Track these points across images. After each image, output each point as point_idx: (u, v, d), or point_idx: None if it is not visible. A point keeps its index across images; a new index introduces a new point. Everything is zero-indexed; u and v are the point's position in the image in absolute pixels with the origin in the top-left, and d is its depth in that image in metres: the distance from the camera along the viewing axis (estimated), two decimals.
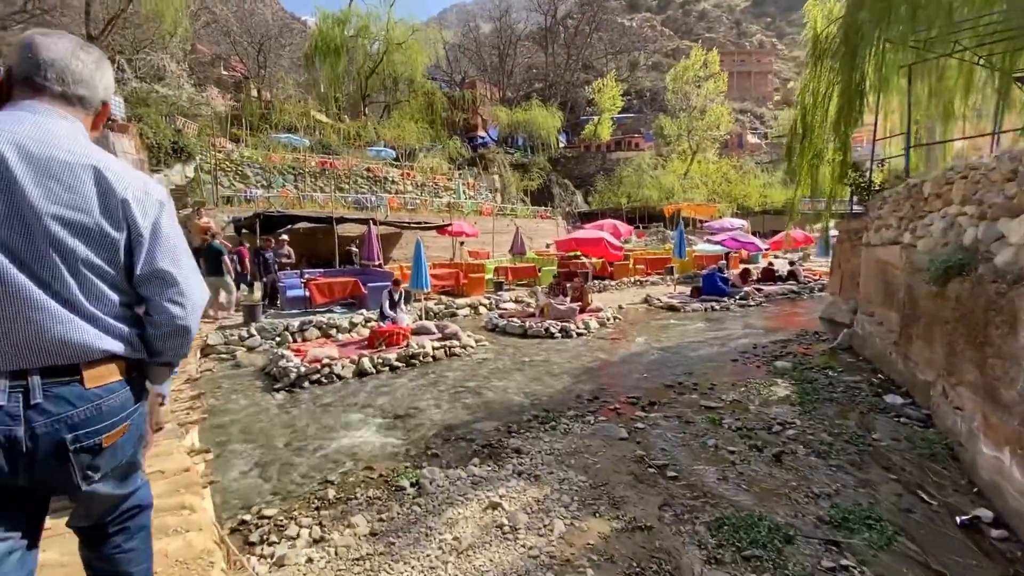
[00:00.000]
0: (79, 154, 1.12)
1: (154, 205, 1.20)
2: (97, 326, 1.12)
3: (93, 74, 1.21)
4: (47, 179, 1.07)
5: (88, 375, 1.11)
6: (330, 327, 9.65)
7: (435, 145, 31.09)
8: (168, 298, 1.21)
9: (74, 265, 1.09)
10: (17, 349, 1.04)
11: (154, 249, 1.18)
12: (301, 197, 17.61)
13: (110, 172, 1.14)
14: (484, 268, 13.13)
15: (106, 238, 1.12)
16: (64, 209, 1.07)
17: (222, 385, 6.55)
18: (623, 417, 4.48)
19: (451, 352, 7.33)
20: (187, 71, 28.17)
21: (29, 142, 1.06)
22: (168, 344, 1.25)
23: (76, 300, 1.10)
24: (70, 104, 1.18)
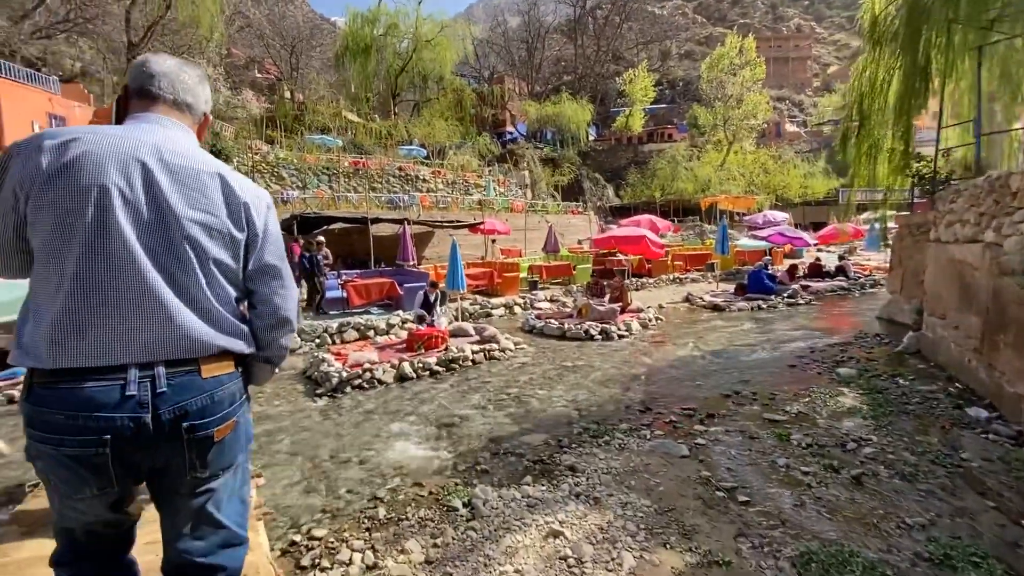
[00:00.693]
0: (206, 163, 1.25)
1: (264, 208, 1.34)
2: (215, 324, 1.22)
3: (196, 86, 1.36)
4: (184, 187, 1.19)
5: (205, 367, 1.20)
6: (368, 328, 9.65)
7: (464, 142, 31.03)
8: (273, 290, 1.32)
9: (205, 264, 1.21)
10: (148, 343, 1.13)
11: (264, 247, 1.31)
12: (336, 197, 17.79)
13: (232, 179, 1.27)
14: (518, 267, 12.94)
15: (232, 238, 1.25)
16: (200, 213, 1.20)
17: (264, 389, 6.58)
18: (680, 431, 4.22)
19: (490, 356, 7.18)
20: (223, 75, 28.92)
21: (166, 153, 1.19)
22: (272, 335, 1.35)
23: (201, 298, 1.20)
24: (180, 111, 1.31)
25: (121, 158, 1.13)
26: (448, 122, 30.75)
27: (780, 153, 41.63)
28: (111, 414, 1.09)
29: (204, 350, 1.20)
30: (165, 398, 1.14)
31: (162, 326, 1.14)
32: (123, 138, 1.16)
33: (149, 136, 1.19)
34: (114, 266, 1.11)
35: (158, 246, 1.15)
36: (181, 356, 1.17)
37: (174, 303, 1.16)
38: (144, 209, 1.14)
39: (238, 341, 1.27)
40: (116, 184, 1.12)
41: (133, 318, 1.12)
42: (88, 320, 1.10)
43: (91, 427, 1.09)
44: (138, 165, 1.15)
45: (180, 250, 1.17)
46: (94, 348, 1.10)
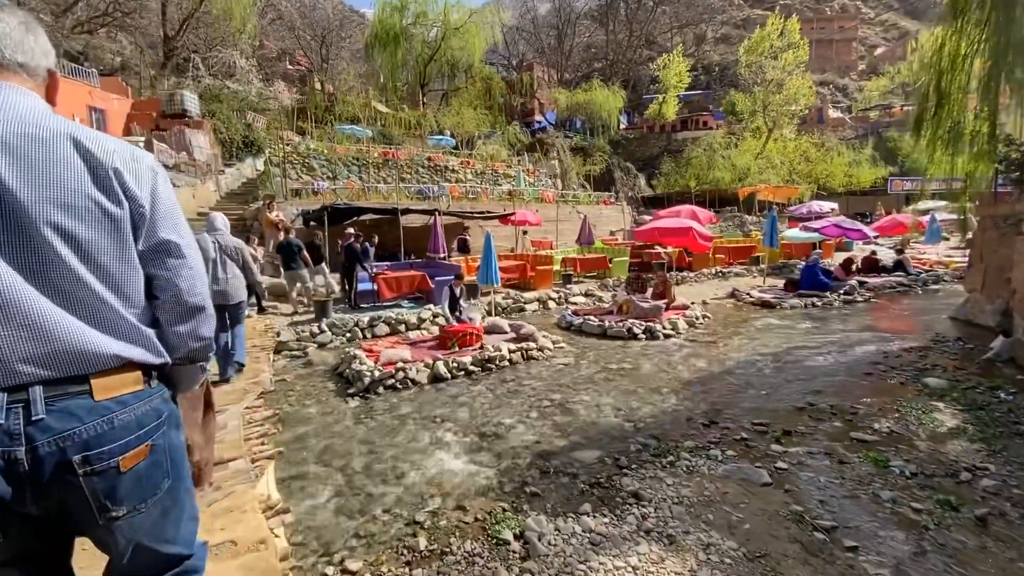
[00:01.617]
0: (55, 128, 0.98)
1: (148, 172, 1.09)
2: (111, 329, 1.01)
3: (23, 38, 1.06)
4: (29, 164, 0.94)
5: (97, 385, 0.99)
6: (399, 323, 9.36)
7: (494, 132, 30.52)
8: (174, 271, 1.10)
9: (82, 257, 0.98)
10: (16, 360, 0.92)
11: (155, 219, 1.08)
12: (366, 188, 17.60)
13: (91, 142, 1.01)
14: (552, 260, 12.44)
15: (107, 215, 1.00)
16: (56, 192, 0.95)
17: (295, 387, 6.33)
18: (755, 451, 3.71)
19: (528, 355, 6.76)
20: (255, 67, 29.12)
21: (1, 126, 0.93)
22: (182, 328, 1.12)
23: (87, 300, 0.98)
24: (11, 71, 1.03)
25: None
26: (477, 111, 30.27)
27: (823, 140, 39.67)
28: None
29: (95, 363, 0.98)
30: (44, 427, 0.93)
31: (32, 340, 0.93)
32: None
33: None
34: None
35: (14, 243, 0.93)
36: (64, 374, 0.96)
37: (46, 310, 0.94)
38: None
39: (137, 348, 1.04)
40: None
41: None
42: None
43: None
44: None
45: (42, 243, 0.94)
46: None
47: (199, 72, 25.09)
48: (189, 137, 16.36)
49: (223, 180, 17.14)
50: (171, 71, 25.54)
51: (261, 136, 20.03)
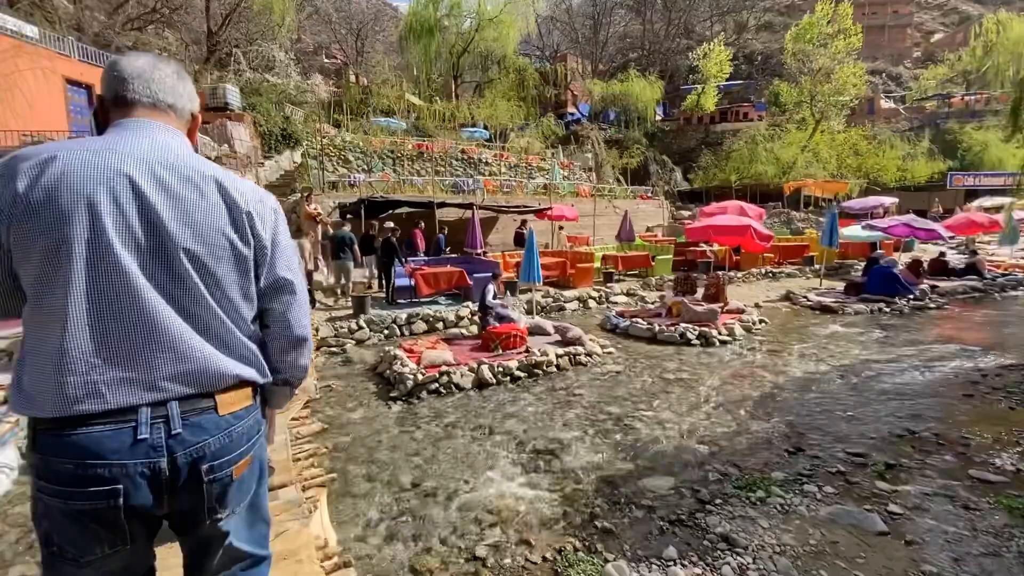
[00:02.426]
0: (202, 170, 1.09)
1: (271, 215, 1.18)
2: (232, 352, 1.11)
3: (176, 84, 1.17)
4: (179, 200, 1.04)
5: (221, 400, 1.09)
6: (436, 320, 9.13)
7: (527, 124, 30.04)
8: (287, 306, 1.20)
9: (212, 286, 1.08)
10: (157, 379, 1.01)
11: (275, 259, 1.18)
12: (401, 181, 17.46)
13: (232, 186, 1.11)
14: (592, 257, 11.97)
15: (238, 254, 1.11)
16: (200, 230, 1.05)
17: (335, 386, 6.14)
18: (858, 489, 3.24)
19: (576, 360, 6.37)
20: (293, 60, 29.42)
21: (156, 163, 1.03)
22: (287, 357, 1.23)
23: (213, 323, 1.08)
24: (164, 113, 1.14)
25: (107, 175, 0.99)
26: (511, 103, 29.83)
27: (874, 132, 37.56)
28: (123, 460, 0.98)
29: (220, 382, 1.09)
30: (181, 440, 1.03)
31: (172, 359, 1.03)
32: (107, 151, 1.01)
33: (135, 145, 1.04)
34: (113, 298, 0.99)
35: (159, 271, 1.03)
36: (195, 391, 1.06)
37: (183, 332, 1.04)
38: (138, 230, 1.01)
39: (251, 369, 1.15)
40: (105, 205, 0.98)
41: (139, 354, 1.00)
42: (90, 360, 0.97)
43: (102, 476, 0.97)
44: (125, 180, 1.00)
45: (183, 273, 1.04)
46: (99, 390, 0.97)
47: (240, 66, 25.45)
48: (231, 130, 16.53)
49: (262, 172, 17.27)
50: (214, 65, 26.00)
51: (299, 129, 20.13)
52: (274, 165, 18.47)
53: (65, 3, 21.79)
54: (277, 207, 1.21)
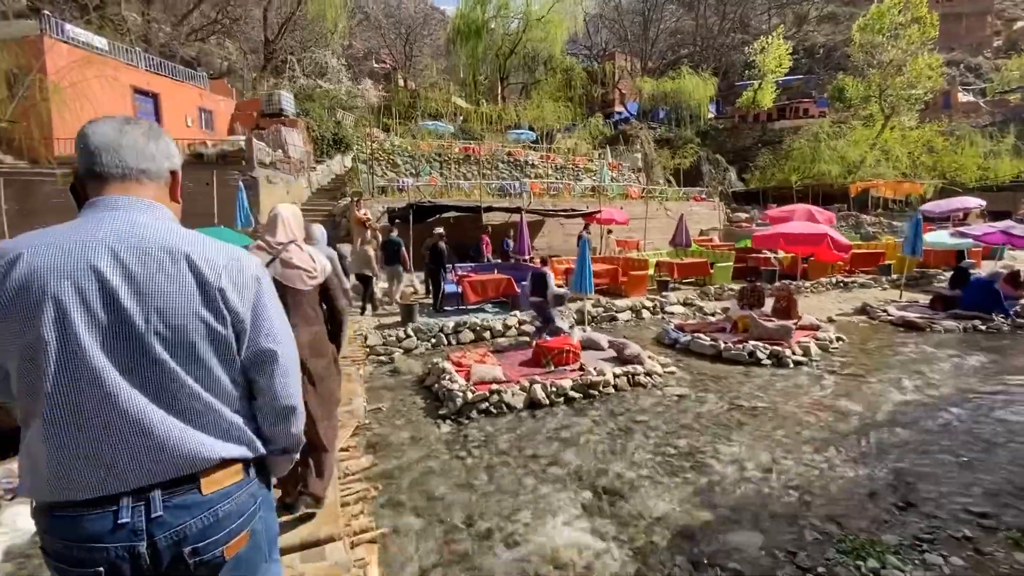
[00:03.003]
0: (171, 245, 1.05)
1: (251, 283, 1.13)
2: (214, 431, 1.08)
3: (146, 146, 1.13)
4: (145, 285, 1.01)
5: (205, 481, 1.06)
6: (483, 329, 8.90)
7: (575, 124, 29.52)
8: (271, 376, 1.15)
9: (191, 366, 1.05)
10: (138, 468, 1.01)
11: (256, 329, 1.13)
12: (448, 185, 17.42)
13: (203, 260, 1.06)
14: (647, 264, 11.42)
15: (213, 332, 1.07)
16: (168, 315, 1.02)
17: (383, 399, 5.99)
18: (993, 562, 2.70)
19: (635, 381, 5.94)
20: (345, 66, 30.15)
21: (121, 247, 1.01)
22: (277, 428, 1.20)
23: (193, 407, 1.05)
24: (135, 182, 1.11)
25: (71, 268, 0.98)
26: (557, 104, 29.39)
27: (952, 128, 34.62)
28: (104, 544, 0.99)
29: (202, 464, 1.05)
30: (161, 523, 1.01)
31: (150, 448, 1.01)
32: (72, 242, 1.00)
33: (101, 230, 1.02)
34: (87, 392, 0.98)
35: (132, 360, 1.00)
36: (177, 475, 1.03)
37: (161, 419, 1.02)
38: (106, 321, 0.99)
39: (241, 447, 1.11)
40: (71, 302, 0.97)
41: (118, 445, 0.99)
42: (73, 454, 0.99)
43: (85, 559, 0.99)
44: (90, 272, 0.98)
45: (156, 358, 1.01)
46: (85, 481, 0.99)
47: (294, 73, 26.29)
48: (285, 135, 16.98)
49: (314, 177, 17.67)
50: (270, 73, 26.99)
51: (349, 133, 20.51)
52: (325, 169, 18.87)
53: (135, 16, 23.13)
54: (260, 273, 1.16)
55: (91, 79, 11.47)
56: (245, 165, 13.72)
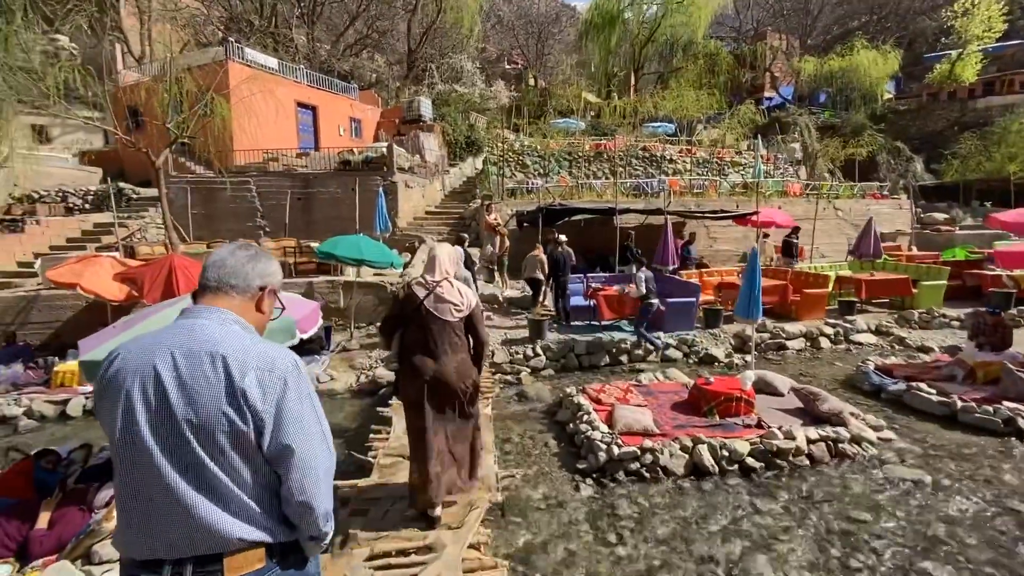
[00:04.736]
0: (213, 350, 1.20)
1: (277, 383, 1.22)
2: (238, 515, 1.18)
3: (244, 265, 1.37)
4: (186, 385, 1.18)
5: (228, 564, 1.17)
6: (620, 352, 7.85)
7: (721, 113, 26.64)
8: (288, 472, 1.22)
9: (217, 457, 1.17)
10: (175, 541, 1.15)
11: (278, 427, 1.21)
12: (579, 185, 16.50)
13: (234, 361, 1.20)
14: (826, 279, 9.33)
15: (236, 429, 1.18)
16: (201, 407, 1.17)
17: (511, 433, 5.30)
18: None
19: (838, 450, 4.46)
20: (479, 69, 30.78)
21: (178, 352, 1.20)
22: (299, 520, 1.26)
23: (220, 491, 1.17)
24: (224, 293, 1.34)
25: (141, 367, 1.19)
26: (699, 92, 26.72)
27: None
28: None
29: (226, 544, 1.17)
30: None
31: (185, 524, 1.15)
32: (149, 347, 1.22)
33: (173, 337, 1.24)
34: (141, 471, 1.16)
35: (173, 446, 1.17)
36: (205, 552, 1.16)
37: (193, 499, 1.15)
38: (156, 412, 1.18)
39: (260, 531, 1.22)
40: (136, 394, 1.18)
41: (162, 518, 1.16)
42: (133, 520, 1.18)
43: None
44: (152, 371, 1.19)
45: (191, 447, 1.16)
46: (140, 544, 1.18)
47: (433, 79, 27.39)
48: (422, 140, 17.48)
49: (447, 180, 17.97)
50: (411, 81, 28.49)
51: (481, 135, 20.61)
52: (458, 172, 19.13)
53: (302, 38, 25.84)
54: (288, 373, 1.24)
55: (264, 96, 12.66)
56: (386, 170, 14.22)
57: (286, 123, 17.14)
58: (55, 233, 12.40)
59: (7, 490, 3.70)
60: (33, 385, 7.33)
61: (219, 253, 1.38)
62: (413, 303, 3.12)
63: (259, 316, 1.39)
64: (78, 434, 6.05)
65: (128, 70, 17.34)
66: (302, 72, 18.92)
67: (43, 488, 3.74)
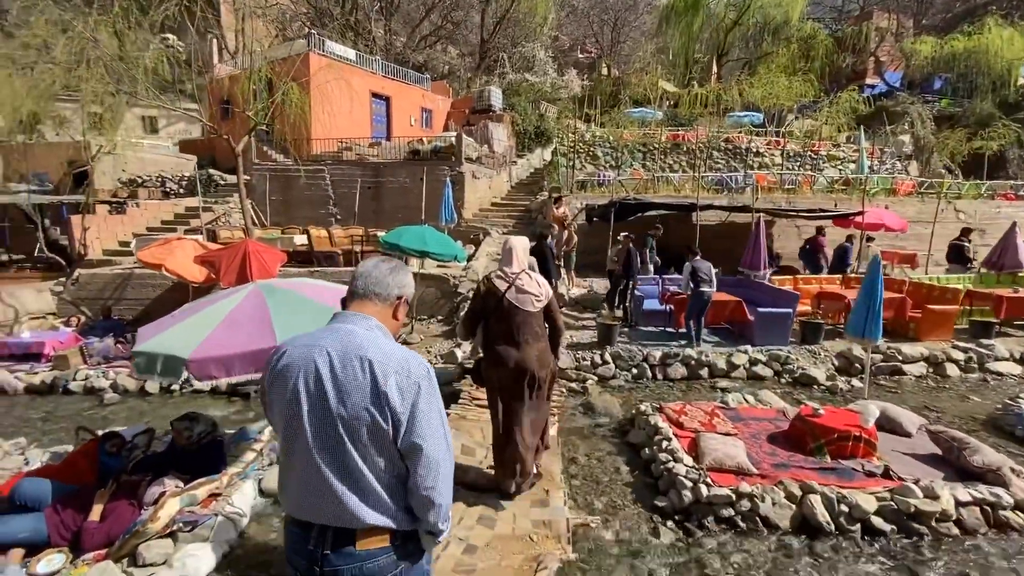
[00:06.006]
0: (362, 354, 1.38)
1: (413, 387, 1.38)
2: (370, 502, 1.37)
3: (386, 276, 1.57)
4: (338, 381, 1.37)
5: (359, 540, 1.38)
6: (700, 365, 7.05)
7: (815, 102, 24.24)
8: (416, 467, 1.38)
9: (358, 448, 1.37)
10: (322, 510, 1.38)
11: (411, 427, 1.37)
12: (655, 178, 15.48)
13: (380, 365, 1.37)
14: (955, 294, 7.91)
15: (376, 425, 1.35)
16: (349, 405, 1.36)
17: (576, 453, 4.76)
18: None
19: (997, 519, 3.52)
20: (551, 57, 30.02)
21: (334, 351, 1.40)
22: (421, 512, 1.42)
23: (358, 479, 1.37)
24: (369, 300, 1.55)
25: (304, 362, 1.40)
26: (792, 79, 24.39)
27: None
28: (298, 557, 1.41)
29: (359, 523, 1.36)
30: (328, 560, 1.36)
31: (331, 500, 1.35)
32: (310, 346, 1.42)
33: (328, 339, 1.43)
34: (299, 450, 1.39)
35: (325, 434, 1.36)
36: (343, 526, 1.36)
37: (336, 481, 1.35)
38: (314, 402, 1.37)
39: (387, 518, 1.39)
40: (301, 385, 1.39)
41: (312, 492, 1.37)
42: (293, 486, 1.42)
43: (291, 561, 1.45)
44: (313, 367, 1.38)
45: (338, 436, 1.35)
46: (297, 507, 1.42)
47: (504, 69, 27.00)
48: (491, 130, 17.14)
49: (514, 171, 17.53)
50: (483, 71, 28.27)
51: (551, 126, 19.96)
52: (525, 163, 18.64)
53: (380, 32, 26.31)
54: (422, 378, 1.39)
55: (340, 86, 12.81)
56: (454, 160, 14.00)
57: (361, 113, 17.39)
58: (152, 215, 13.27)
59: (71, 471, 3.67)
60: (121, 359, 7.69)
61: (365, 265, 1.58)
62: (495, 296, 3.29)
63: (395, 323, 1.58)
64: (155, 411, 6.23)
65: (222, 64, 18.32)
66: (378, 63, 19.14)
67: (105, 472, 3.68)
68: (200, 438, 3.62)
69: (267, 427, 4.56)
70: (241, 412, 6.17)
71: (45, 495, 3.11)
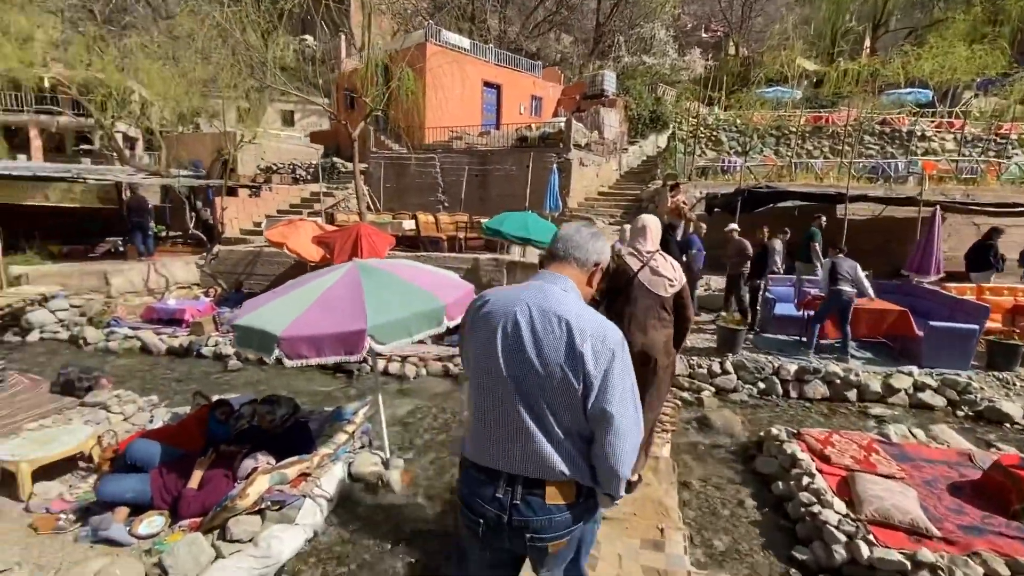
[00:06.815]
0: (559, 312, 1.42)
1: (607, 354, 1.39)
2: (560, 452, 1.41)
3: (587, 241, 1.60)
4: (537, 337, 1.41)
5: (549, 492, 1.42)
6: (847, 385, 5.89)
7: (1006, 75, 19.85)
8: (605, 435, 1.39)
9: (551, 402, 1.40)
10: (511, 458, 1.43)
11: (602, 393, 1.38)
12: (792, 165, 13.66)
13: (577, 326, 1.39)
14: None
15: (568, 383, 1.38)
16: (545, 360, 1.39)
17: (690, 476, 4.09)
18: None
19: None
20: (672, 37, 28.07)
21: (534, 307, 1.44)
22: (603, 478, 1.45)
23: (550, 429, 1.41)
24: (569, 263, 1.58)
25: (506, 311, 1.46)
26: (974, 48, 20.14)
27: None
28: (484, 505, 1.45)
29: (551, 474, 1.41)
30: (516, 509, 1.41)
31: (523, 448, 1.40)
32: (511, 298, 1.49)
33: (528, 294, 1.48)
34: (493, 395, 1.45)
35: (521, 383, 1.41)
36: (534, 476, 1.41)
37: (531, 429, 1.40)
38: (513, 353, 1.42)
39: (577, 471, 1.43)
40: (500, 333, 1.44)
41: (503, 436, 1.43)
42: (481, 431, 1.48)
43: (474, 508, 1.48)
44: (513, 317, 1.44)
45: (533, 389, 1.40)
46: (483, 453, 1.48)
47: (619, 53, 25.75)
48: (603, 116, 16.31)
49: (624, 159, 16.56)
50: (597, 56, 27.24)
51: (668, 110, 18.55)
52: (637, 150, 17.54)
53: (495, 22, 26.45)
54: (617, 345, 1.40)
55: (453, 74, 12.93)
56: (562, 147, 13.49)
57: (472, 101, 17.53)
58: (282, 199, 14.54)
59: (184, 435, 3.85)
60: None
61: (567, 229, 1.62)
62: (626, 275, 3.07)
63: (588, 289, 1.61)
64: (268, 381, 6.60)
65: (349, 58, 19.58)
66: (491, 51, 19.16)
67: (212, 439, 3.81)
68: (283, 421, 3.58)
69: (362, 408, 4.49)
70: (344, 389, 6.30)
71: (153, 457, 3.22)
